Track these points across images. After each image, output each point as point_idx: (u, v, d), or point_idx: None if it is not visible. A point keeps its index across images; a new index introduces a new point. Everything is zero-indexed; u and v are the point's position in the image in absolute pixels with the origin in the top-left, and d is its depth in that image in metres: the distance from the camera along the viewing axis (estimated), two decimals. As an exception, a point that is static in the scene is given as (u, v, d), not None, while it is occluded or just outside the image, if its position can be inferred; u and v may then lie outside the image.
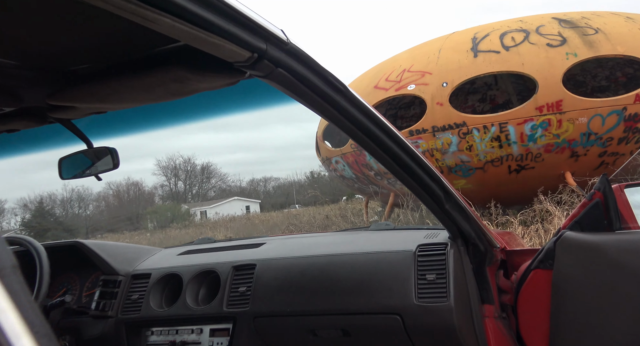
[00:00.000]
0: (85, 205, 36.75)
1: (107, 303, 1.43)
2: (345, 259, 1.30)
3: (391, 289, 1.19)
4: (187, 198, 37.36)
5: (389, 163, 0.98)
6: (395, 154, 0.95)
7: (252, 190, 41.35)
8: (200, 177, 39.20)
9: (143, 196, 36.43)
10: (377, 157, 0.96)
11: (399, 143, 0.95)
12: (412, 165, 1.00)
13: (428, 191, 1.09)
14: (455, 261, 1.20)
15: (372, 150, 0.94)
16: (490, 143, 7.21)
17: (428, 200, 1.12)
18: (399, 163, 0.98)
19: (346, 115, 0.86)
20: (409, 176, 1.03)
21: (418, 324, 1.15)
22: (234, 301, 1.35)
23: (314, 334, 1.28)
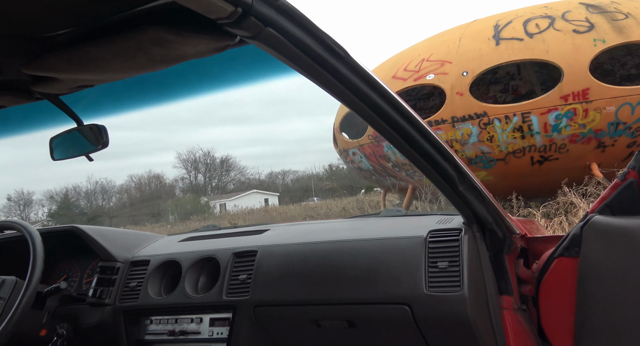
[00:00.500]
0: (109, 197, 37.52)
1: (104, 291, 1.38)
2: (350, 246, 1.21)
3: (399, 278, 1.10)
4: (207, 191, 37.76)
5: (394, 138, 0.88)
6: (401, 128, 0.85)
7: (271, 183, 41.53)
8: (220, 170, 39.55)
9: (164, 188, 36.98)
10: (380, 130, 0.87)
11: (405, 116, 0.86)
12: (420, 140, 0.90)
13: (439, 170, 0.99)
14: (470, 248, 1.10)
15: (375, 123, 0.85)
16: (512, 134, 6.98)
17: (439, 181, 1.02)
18: (406, 138, 0.88)
19: (346, 84, 0.77)
20: (417, 153, 0.94)
21: (428, 315, 1.06)
22: (234, 290, 1.28)
23: (317, 325, 1.20)
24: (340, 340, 1.22)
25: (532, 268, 1.20)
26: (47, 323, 1.38)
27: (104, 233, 1.48)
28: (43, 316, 1.37)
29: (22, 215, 32.46)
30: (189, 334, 1.34)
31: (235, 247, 1.35)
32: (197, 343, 1.34)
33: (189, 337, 1.34)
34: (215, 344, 1.32)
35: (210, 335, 1.32)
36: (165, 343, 1.37)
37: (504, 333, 1.15)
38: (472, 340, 1.06)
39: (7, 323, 1.13)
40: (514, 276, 1.21)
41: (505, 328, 1.15)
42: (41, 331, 1.37)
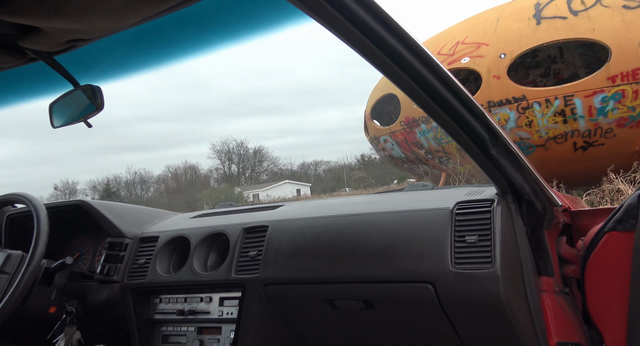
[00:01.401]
0: (147, 187, 38.69)
1: (111, 267, 1.33)
2: (368, 219, 1.09)
3: (422, 253, 0.98)
4: (241, 181, 38.27)
5: (414, 90, 0.76)
6: (418, 74, 0.73)
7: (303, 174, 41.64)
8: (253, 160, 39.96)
9: (199, 179, 37.73)
10: (398, 82, 0.74)
11: (428, 65, 0.73)
12: (444, 92, 0.77)
13: (468, 130, 0.86)
14: (503, 221, 0.96)
15: (392, 72, 0.72)
16: (553, 118, 6.60)
17: (468, 144, 0.89)
18: (425, 88, 0.76)
19: (358, 25, 0.65)
20: (441, 109, 0.81)
21: (454, 294, 0.93)
22: (244, 267, 1.19)
23: (332, 305, 1.10)
24: (357, 322, 1.11)
25: (577, 245, 1.05)
26: (56, 300, 1.35)
27: (113, 209, 1.43)
28: (52, 293, 1.33)
29: (67, 204, 33.85)
30: (198, 314, 1.27)
31: (246, 222, 1.26)
32: (207, 324, 1.27)
33: (198, 317, 1.27)
34: (225, 325, 1.24)
35: (220, 315, 1.24)
36: (174, 323, 1.31)
37: (543, 318, 1.01)
38: (506, 324, 0.93)
39: (10, 297, 1.09)
40: (555, 255, 1.06)
41: (544, 312, 1.01)
42: (50, 308, 1.34)
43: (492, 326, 0.95)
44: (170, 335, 1.31)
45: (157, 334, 1.33)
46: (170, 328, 1.31)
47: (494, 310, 0.91)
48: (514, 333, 0.94)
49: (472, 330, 0.99)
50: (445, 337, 1.02)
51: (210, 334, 1.26)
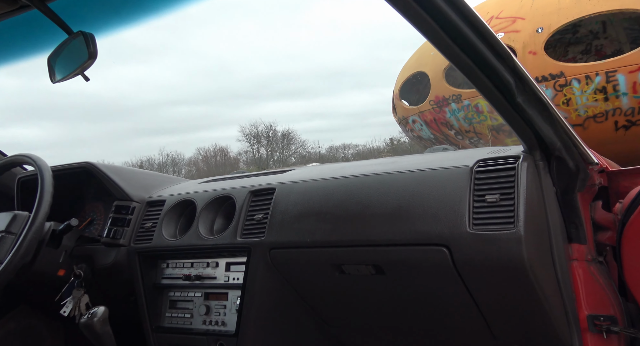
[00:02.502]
0: (179, 169, 39.53)
1: (118, 231, 1.30)
2: (380, 179, 1.01)
3: (437, 214, 0.89)
4: (269, 164, 38.56)
5: (425, 22, 0.66)
6: (438, 9, 0.63)
7: (331, 157, 41.54)
8: (281, 143, 40.09)
9: (229, 161, 38.21)
10: (406, 13, 0.65)
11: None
12: (464, 29, 0.68)
13: (490, 74, 0.76)
14: (529, 179, 0.86)
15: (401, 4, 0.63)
16: (593, 96, 6.25)
17: (490, 91, 0.79)
18: (445, 26, 0.66)
19: None
20: (459, 48, 0.71)
21: (471, 258, 0.84)
22: (249, 230, 1.13)
23: (340, 271, 1.03)
24: (367, 289, 1.04)
25: (614, 209, 0.93)
26: (65, 263, 1.33)
27: (120, 172, 1.39)
28: (60, 255, 1.32)
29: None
30: (205, 279, 1.23)
31: (253, 185, 1.20)
32: (214, 289, 1.23)
33: (205, 282, 1.23)
34: (232, 291, 1.19)
35: (226, 280, 1.20)
36: (181, 288, 1.28)
37: (572, 288, 0.91)
38: (529, 291, 0.83)
39: (13, 256, 1.07)
40: (589, 220, 0.95)
41: (574, 282, 0.91)
42: (59, 271, 1.33)
43: (513, 294, 0.86)
44: (177, 301, 1.28)
45: (164, 299, 1.30)
46: (178, 294, 1.28)
47: (516, 275, 0.82)
48: (538, 302, 0.85)
49: (491, 297, 0.90)
50: (461, 305, 0.94)
51: (216, 300, 1.22)
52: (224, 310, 1.20)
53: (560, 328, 0.89)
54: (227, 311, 1.19)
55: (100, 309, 1.01)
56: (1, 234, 1.19)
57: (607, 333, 0.90)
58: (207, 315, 1.21)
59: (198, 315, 1.23)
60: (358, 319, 1.15)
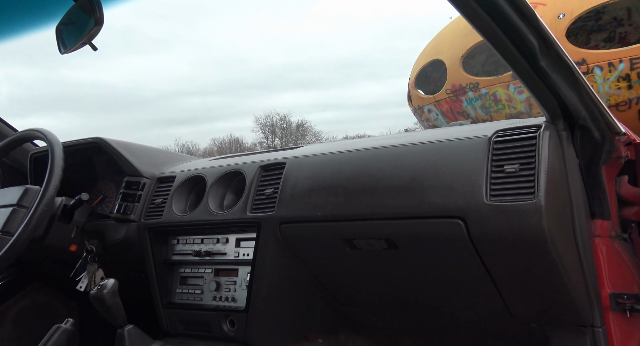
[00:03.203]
0: (194, 160, 39.87)
1: (128, 206, 1.30)
2: (393, 152, 0.98)
3: (452, 186, 0.85)
4: (284, 155, 38.62)
5: None
6: None
7: (347, 148, 41.36)
8: (296, 134, 40.11)
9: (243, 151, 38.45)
10: None
11: None
12: None
13: (512, 35, 0.72)
14: (551, 149, 0.82)
15: None
16: (616, 84, 6.06)
17: (512, 53, 0.75)
18: None
19: None
20: (479, 5, 0.67)
21: (488, 230, 0.81)
22: (259, 205, 1.11)
23: (351, 246, 1.00)
24: (378, 264, 1.01)
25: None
26: (77, 239, 1.34)
27: (130, 148, 1.39)
28: (71, 230, 1.32)
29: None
30: (215, 255, 1.22)
31: (263, 160, 1.18)
32: (224, 266, 1.21)
33: (215, 258, 1.22)
34: (242, 267, 1.18)
35: (237, 256, 1.18)
36: (191, 265, 1.27)
37: (594, 265, 0.87)
38: (549, 265, 0.79)
39: (24, 228, 1.07)
40: (614, 195, 0.91)
41: (597, 259, 0.87)
42: (71, 246, 1.33)
43: (532, 268, 0.82)
44: (188, 277, 1.27)
45: (175, 275, 1.30)
46: (188, 270, 1.27)
47: (536, 247, 0.78)
48: (558, 277, 0.81)
49: (508, 272, 0.86)
50: (476, 281, 0.91)
51: (227, 276, 1.21)
52: (234, 286, 1.18)
53: (581, 306, 0.86)
54: (237, 288, 1.18)
55: (109, 281, 1.00)
56: (13, 207, 1.20)
57: (630, 312, 0.86)
58: (218, 291, 1.20)
59: (208, 291, 1.22)
60: (369, 296, 1.13)
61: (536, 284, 0.86)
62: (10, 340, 1.49)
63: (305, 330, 1.25)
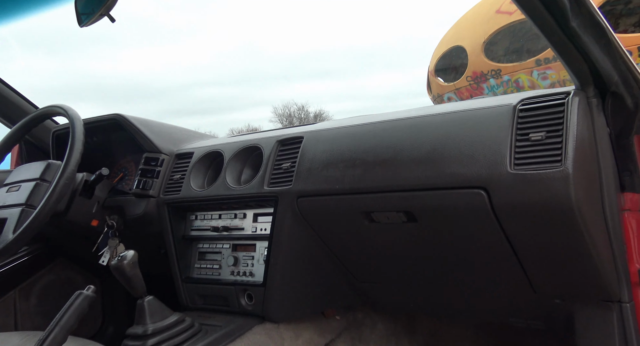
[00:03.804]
0: (213, 150, 40.18)
1: (147, 182, 1.31)
2: (413, 123, 0.95)
3: (474, 155, 0.83)
4: (302, 146, 38.61)
5: None
6: None
7: (365, 139, 41.10)
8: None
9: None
10: None
11: None
12: None
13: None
14: (580, 116, 0.78)
15: None
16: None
17: (540, 13, 0.71)
18: None
19: None
20: None
21: (511, 200, 0.78)
22: (276, 179, 1.11)
23: (369, 219, 0.99)
24: (397, 238, 1.00)
25: None
26: (98, 214, 1.36)
27: (149, 125, 1.39)
28: (93, 206, 1.34)
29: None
30: (233, 230, 1.22)
31: (281, 134, 1.17)
32: (241, 241, 1.22)
33: (233, 234, 1.22)
34: (260, 242, 1.18)
35: (254, 231, 1.18)
36: (209, 240, 1.27)
37: (623, 239, 0.83)
38: (576, 236, 0.77)
39: (46, 201, 1.09)
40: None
41: (626, 233, 0.84)
42: (92, 221, 1.35)
43: (558, 240, 0.80)
44: (206, 252, 1.28)
45: (193, 251, 1.30)
46: (206, 245, 1.28)
47: (562, 218, 0.75)
48: (585, 249, 0.78)
49: (531, 245, 0.84)
50: (498, 255, 0.88)
51: (244, 251, 1.21)
52: (252, 261, 1.19)
53: (608, 281, 0.83)
54: (254, 262, 1.18)
55: (129, 252, 1.01)
56: (36, 181, 1.22)
57: None
58: (235, 266, 1.21)
59: (226, 266, 1.22)
60: (387, 272, 1.11)
61: (562, 258, 0.83)
62: (36, 312, 1.53)
63: (323, 306, 1.25)
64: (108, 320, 1.71)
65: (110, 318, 1.70)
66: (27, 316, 1.52)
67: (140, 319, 1.00)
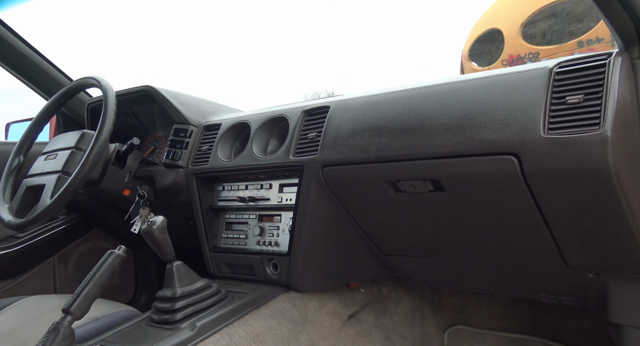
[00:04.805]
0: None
1: (176, 153, 1.33)
2: (442, 89, 0.93)
3: (505, 121, 0.80)
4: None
5: None
6: None
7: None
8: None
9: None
10: None
11: None
12: None
13: None
14: (623, 78, 0.74)
15: None
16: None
17: None
18: None
19: None
20: None
21: (544, 167, 0.75)
22: (302, 149, 1.10)
23: (395, 188, 0.97)
24: (423, 208, 0.98)
25: None
26: (130, 184, 1.40)
27: (179, 97, 1.41)
28: (125, 175, 1.38)
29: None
30: (259, 201, 1.23)
31: (307, 105, 1.17)
32: (267, 211, 1.23)
33: (259, 204, 1.23)
34: (285, 212, 1.19)
35: (279, 201, 1.19)
36: (236, 211, 1.29)
37: None
38: (612, 203, 0.73)
39: (80, 169, 1.13)
40: None
41: None
42: (125, 190, 1.39)
43: (593, 209, 0.76)
44: (233, 223, 1.30)
45: (220, 221, 1.33)
46: (233, 216, 1.30)
47: (598, 185, 0.72)
48: (622, 218, 0.74)
49: (565, 213, 0.80)
50: (528, 225, 0.85)
51: (270, 221, 1.22)
52: (277, 231, 1.20)
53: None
54: (280, 232, 1.19)
55: (159, 218, 1.04)
56: (72, 150, 1.26)
57: None
58: (261, 236, 1.22)
59: (252, 236, 1.24)
60: (413, 245, 1.10)
61: (597, 228, 0.80)
62: (73, 278, 1.61)
63: (347, 278, 1.25)
64: (140, 288, 1.77)
65: (142, 287, 1.77)
66: (65, 281, 1.59)
67: (169, 282, 1.03)
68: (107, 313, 1.10)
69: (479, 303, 1.46)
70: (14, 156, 1.32)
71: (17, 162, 1.31)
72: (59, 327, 0.79)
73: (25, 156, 1.33)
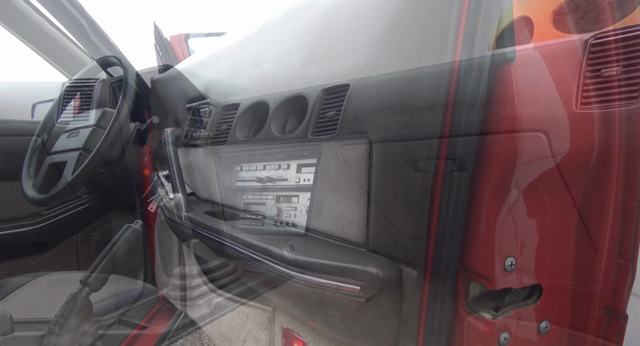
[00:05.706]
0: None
1: (195, 132, 1.33)
2: (467, 65, 0.89)
3: (534, 96, 0.76)
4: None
5: None
6: None
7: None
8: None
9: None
10: None
11: None
12: None
13: None
14: None
15: None
16: None
17: None
18: None
19: None
20: None
21: (575, 143, 0.71)
22: (320, 128, 1.08)
23: (415, 168, 0.94)
24: (444, 189, 0.94)
25: None
26: (149, 163, 1.41)
27: (198, 77, 1.40)
28: (144, 155, 1.39)
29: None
30: (277, 181, 1.22)
31: (327, 83, 1.14)
32: (285, 192, 1.21)
33: (276, 185, 1.22)
34: (303, 193, 1.17)
35: (297, 181, 1.17)
36: (254, 191, 1.28)
37: None
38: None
39: (101, 145, 1.14)
40: None
41: None
42: (144, 170, 1.40)
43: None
44: (250, 203, 1.29)
45: (238, 201, 1.32)
46: (251, 197, 1.29)
47: (633, 161, 0.67)
48: None
49: (594, 193, 0.76)
50: (555, 204, 0.81)
51: (287, 202, 1.21)
52: (295, 211, 1.18)
53: None
54: (297, 213, 1.18)
55: (177, 194, 1.04)
56: (93, 128, 1.28)
57: None
58: (278, 217, 1.21)
59: (270, 216, 1.23)
60: (433, 228, 1.07)
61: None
62: (95, 256, 1.64)
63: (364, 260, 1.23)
64: (158, 267, 1.79)
65: (160, 265, 1.79)
66: (87, 259, 1.62)
67: (186, 260, 1.03)
68: (125, 290, 1.12)
69: None
70: (38, 134, 1.34)
71: (40, 140, 1.34)
72: (76, 298, 0.80)
73: (49, 134, 1.36)
